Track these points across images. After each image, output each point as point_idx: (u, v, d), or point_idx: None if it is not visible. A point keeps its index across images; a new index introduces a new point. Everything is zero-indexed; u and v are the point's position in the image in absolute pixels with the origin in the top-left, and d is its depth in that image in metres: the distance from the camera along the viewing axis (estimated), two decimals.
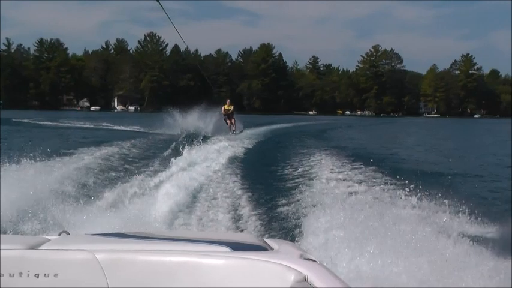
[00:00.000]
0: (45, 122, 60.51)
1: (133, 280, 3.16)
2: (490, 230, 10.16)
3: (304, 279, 2.90)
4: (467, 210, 10.69)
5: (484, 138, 61.70)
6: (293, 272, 2.96)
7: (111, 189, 14.42)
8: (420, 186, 12.39)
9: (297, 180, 17.34)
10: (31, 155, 15.82)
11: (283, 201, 13.77)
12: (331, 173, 18.44)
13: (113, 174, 17.69)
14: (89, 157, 20.05)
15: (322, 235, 9.11)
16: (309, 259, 3.26)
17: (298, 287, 2.86)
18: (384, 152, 31.29)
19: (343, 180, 16.77)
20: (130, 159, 22.16)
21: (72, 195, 13.21)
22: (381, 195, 13.24)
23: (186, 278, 3.15)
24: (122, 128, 53.37)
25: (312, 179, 17.16)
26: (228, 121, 40.41)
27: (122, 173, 17.89)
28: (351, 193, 13.67)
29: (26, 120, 62.32)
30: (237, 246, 3.38)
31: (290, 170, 20.41)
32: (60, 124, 59.17)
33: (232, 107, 41.12)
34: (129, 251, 3.29)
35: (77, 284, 3.15)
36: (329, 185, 15.77)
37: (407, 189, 12.80)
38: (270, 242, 3.79)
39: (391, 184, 14.92)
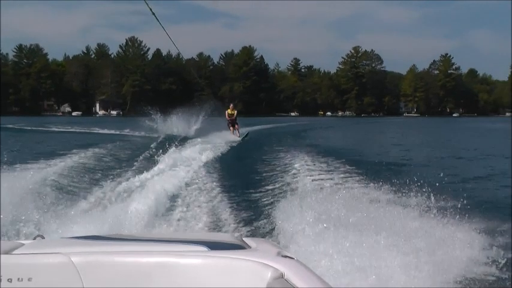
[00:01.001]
0: (28, 127, 60.73)
1: (110, 282, 3.14)
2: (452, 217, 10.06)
3: (281, 276, 2.95)
4: (433, 198, 11.14)
5: (455, 134, 64.13)
6: (270, 270, 2.99)
7: (88, 193, 14.47)
8: (393, 180, 13.28)
9: (275, 180, 17.65)
10: (5, 158, 16.15)
11: (261, 201, 14.05)
12: (309, 172, 18.68)
13: (90, 177, 17.87)
14: (65, 162, 20.08)
15: (300, 232, 9.20)
16: (286, 256, 3.31)
17: (275, 284, 2.89)
18: (361, 151, 32.84)
19: (322, 178, 17.12)
20: (108, 162, 22.31)
21: (48, 199, 13.09)
22: (358, 193, 13.51)
23: (163, 279, 3.16)
24: (102, 131, 53.80)
25: (290, 179, 17.46)
26: (232, 128, 39.77)
27: (99, 177, 18.02)
28: (329, 191, 13.76)
29: (10, 126, 62.33)
30: (215, 246, 3.42)
31: (268, 169, 20.66)
32: (40, 129, 59.95)
33: (235, 111, 40.37)
34: (105, 253, 3.28)
35: None
36: (307, 184, 16.00)
37: (382, 185, 13.68)
38: (248, 240, 3.82)
39: (368, 182, 15.38)
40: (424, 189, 11.59)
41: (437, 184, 12.20)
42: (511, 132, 52.77)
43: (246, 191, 15.68)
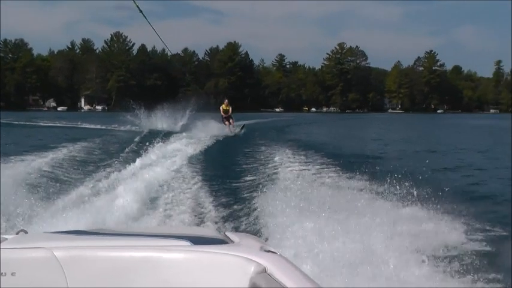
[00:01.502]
0: (16, 122, 60.95)
1: (93, 277, 3.14)
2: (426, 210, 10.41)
3: (264, 270, 2.95)
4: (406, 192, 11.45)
5: (435, 130, 65.66)
6: (253, 264, 3.01)
7: (72, 188, 14.37)
8: (367, 171, 14.17)
9: (258, 175, 17.75)
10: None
11: (245, 196, 14.05)
12: (292, 166, 18.88)
13: (74, 172, 17.80)
14: (47, 157, 19.99)
15: (282, 227, 9.28)
16: (269, 251, 3.32)
17: (258, 279, 2.90)
18: (344, 146, 32.88)
19: (304, 173, 17.23)
20: (90, 157, 22.35)
21: (31, 194, 13.00)
22: (340, 187, 13.90)
23: (146, 273, 3.16)
24: (86, 126, 53.73)
25: (273, 173, 17.61)
26: (227, 122, 39.55)
27: (82, 171, 18.00)
28: (311, 186, 14.03)
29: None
30: (198, 240, 3.42)
31: (251, 164, 20.82)
32: (28, 123, 60.05)
33: (230, 107, 40.27)
34: (88, 248, 3.28)
35: (36, 283, 3.11)
36: (289, 179, 16.11)
37: (361, 177, 14.33)
38: (231, 235, 3.82)
39: (351, 176, 15.65)
40: (395, 180, 12.15)
41: (408, 175, 12.62)
42: (511, 129, 53.11)
43: (230, 186, 15.78)
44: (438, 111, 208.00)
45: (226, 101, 40.97)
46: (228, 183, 16.16)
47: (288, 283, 2.65)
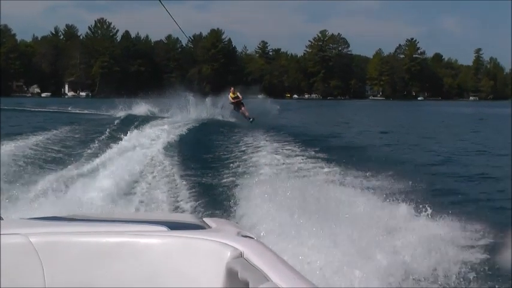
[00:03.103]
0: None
1: (69, 263, 3.12)
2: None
3: (241, 255, 2.97)
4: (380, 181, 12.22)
5: (408, 116, 68.37)
6: (229, 249, 3.02)
7: (48, 174, 14.33)
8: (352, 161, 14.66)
9: (235, 161, 17.85)
10: None
11: (222, 181, 14.22)
12: (269, 153, 18.79)
13: (50, 158, 17.79)
14: (23, 142, 19.78)
15: (260, 212, 9.31)
16: (245, 236, 3.32)
17: (234, 264, 2.90)
18: (321, 132, 33.61)
19: (281, 158, 17.48)
20: (67, 143, 22.28)
21: (6, 180, 13.05)
22: (316, 173, 14.26)
23: (123, 259, 3.15)
24: (74, 111, 54.17)
25: (250, 160, 17.69)
26: (242, 111, 39.21)
27: (58, 158, 18.04)
28: (289, 171, 14.46)
29: None
30: (175, 226, 3.41)
31: (228, 150, 21.05)
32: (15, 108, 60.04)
33: (238, 93, 40.01)
34: (64, 234, 3.24)
35: (11, 269, 3.05)
36: (267, 164, 16.26)
37: (341, 167, 14.66)
38: (208, 220, 3.80)
39: (327, 163, 16.09)
40: (373, 169, 13.29)
41: (387, 164, 14.62)
42: (511, 117, 54.09)
43: (207, 172, 15.75)
44: (419, 98, 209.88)
45: (232, 88, 40.59)
46: (206, 169, 16.15)
47: (264, 267, 2.67)
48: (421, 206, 9.33)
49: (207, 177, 14.83)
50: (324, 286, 6.13)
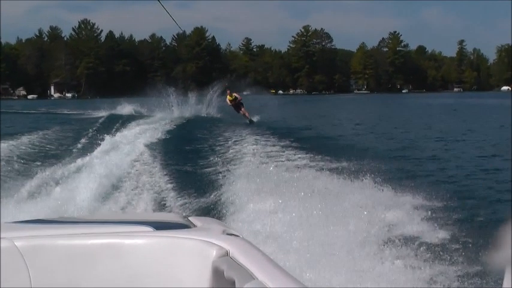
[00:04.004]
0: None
1: (55, 265, 3.10)
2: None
3: (226, 253, 2.97)
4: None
5: (388, 108, 70.17)
6: (215, 248, 3.01)
7: (32, 177, 14.05)
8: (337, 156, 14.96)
9: (220, 159, 17.75)
10: None
11: (207, 180, 14.05)
12: (254, 150, 18.80)
13: (33, 161, 17.52)
14: (4, 144, 19.42)
15: (245, 210, 9.39)
16: (231, 234, 3.32)
17: (220, 262, 2.90)
18: (298, 125, 34.58)
19: (266, 156, 17.34)
20: (50, 146, 22.11)
21: None
22: (301, 169, 14.15)
23: (108, 260, 3.13)
24: (50, 111, 54.00)
25: (235, 157, 17.56)
26: (242, 112, 38.13)
27: (42, 161, 17.78)
28: (274, 169, 14.22)
29: None
30: (160, 226, 3.40)
31: (212, 148, 21.06)
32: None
33: (235, 94, 38.81)
34: (49, 237, 3.21)
35: None
36: (251, 162, 16.15)
37: (325, 161, 14.86)
38: (193, 219, 3.79)
39: (313, 159, 16.02)
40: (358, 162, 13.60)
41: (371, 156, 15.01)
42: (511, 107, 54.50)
43: (192, 171, 15.82)
44: (403, 91, 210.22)
45: (229, 91, 39.52)
46: (191, 168, 16.24)
47: (250, 266, 2.67)
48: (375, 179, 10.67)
49: (192, 176, 14.88)
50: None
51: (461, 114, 54.69)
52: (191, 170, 15.89)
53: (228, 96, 38.70)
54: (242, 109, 38.25)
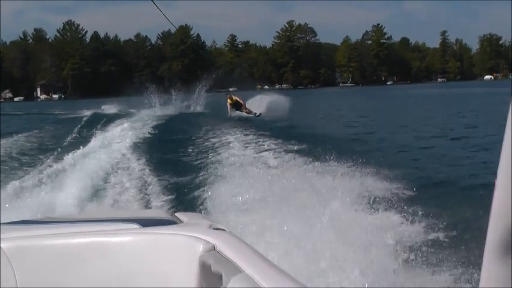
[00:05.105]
0: None
1: (41, 266, 3.05)
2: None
3: (213, 248, 2.95)
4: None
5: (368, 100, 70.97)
6: (201, 242, 3.00)
7: (16, 178, 13.98)
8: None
9: (205, 155, 17.75)
10: None
11: (193, 175, 13.94)
12: (239, 146, 18.81)
13: (17, 162, 17.59)
14: None
15: (232, 205, 9.38)
16: (218, 229, 3.30)
17: (207, 257, 2.87)
18: (289, 124, 33.55)
19: (251, 151, 17.37)
20: (34, 146, 22.19)
21: None
22: (286, 164, 14.12)
23: (94, 259, 3.10)
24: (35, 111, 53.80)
25: (221, 153, 17.54)
26: (245, 110, 38.29)
27: (26, 161, 17.87)
28: (259, 164, 14.30)
29: None
30: (146, 222, 3.37)
31: (196, 143, 21.05)
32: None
33: (235, 98, 38.86)
34: (35, 237, 3.15)
35: None
36: (237, 157, 16.22)
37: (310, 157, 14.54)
38: (180, 215, 3.74)
39: (297, 153, 15.86)
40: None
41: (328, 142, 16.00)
42: None
43: (178, 167, 15.67)
44: (388, 83, 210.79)
45: (228, 95, 39.53)
46: (176, 165, 16.16)
47: (237, 260, 2.65)
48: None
49: (178, 172, 14.70)
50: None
51: (432, 102, 55.74)
52: (177, 167, 15.75)
53: (228, 101, 38.57)
54: (245, 109, 38.39)
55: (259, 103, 41.04)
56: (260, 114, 37.48)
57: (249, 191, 9.95)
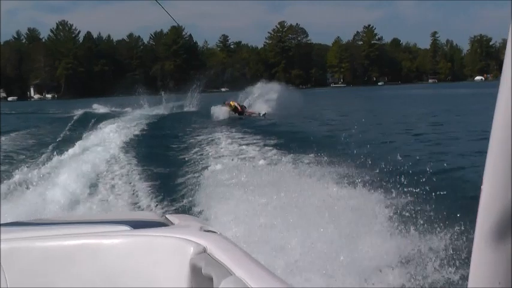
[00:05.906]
0: None
1: (31, 268, 3.03)
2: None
3: (204, 250, 2.94)
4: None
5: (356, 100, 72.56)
6: (192, 245, 2.99)
7: (5, 179, 13.84)
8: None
9: (196, 156, 17.66)
10: None
11: (184, 177, 13.92)
12: (230, 146, 18.96)
13: (6, 163, 17.26)
14: None
15: (223, 207, 9.29)
16: (209, 231, 3.29)
17: (198, 259, 2.86)
18: (279, 124, 33.37)
19: (242, 151, 17.52)
20: (24, 146, 22.05)
21: None
22: (276, 163, 14.26)
23: (85, 261, 3.08)
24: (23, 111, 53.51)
25: (211, 154, 17.58)
26: (248, 112, 38.14)
27: (15, 162, 17.57)
28: (250, 163, 14.35)
29: None
30: (137, 224, 3.37)
31: (186, 144, 21.09)
32: None
33: (236, 103, 38.20)
34: (25, 239, 3.14)
35: None
36: (228, 158, 16.23)
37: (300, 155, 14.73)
38: (171, 217, 3.75)
39: (287, 153, 15.81)
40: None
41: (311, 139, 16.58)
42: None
43: (169, 168, 15.64)
44: (379, 84, 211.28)
45: (226, 102, 38.35)
46: (168, 166, 16.01)
47: (227, 262, 2.64)
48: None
49: (169, 174, 14.72)
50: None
51: (417, 103, 56.46)
52: (168, 168, 15.70)
53: (227, 108, 37.68)
54: (247, 111, 38.06)
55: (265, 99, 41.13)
56: (265, 113, 37.01)
57: (241, 193, 9.86)
